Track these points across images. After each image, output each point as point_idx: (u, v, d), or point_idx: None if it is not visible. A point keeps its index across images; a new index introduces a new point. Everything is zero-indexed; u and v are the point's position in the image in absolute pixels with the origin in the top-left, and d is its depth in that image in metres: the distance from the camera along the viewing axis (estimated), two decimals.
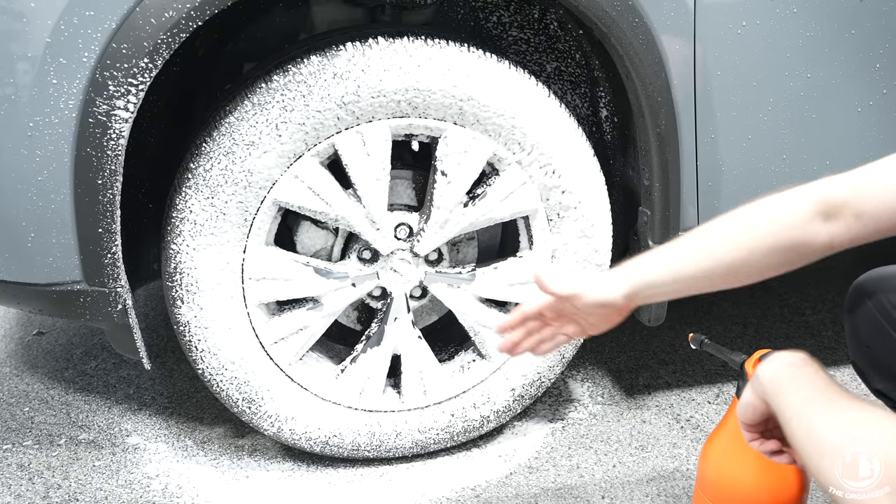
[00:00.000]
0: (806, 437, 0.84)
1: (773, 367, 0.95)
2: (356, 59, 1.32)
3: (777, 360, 0.96)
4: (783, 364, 0.95)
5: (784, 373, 0.94)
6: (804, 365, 0.95)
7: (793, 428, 0.87)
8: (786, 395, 0.92)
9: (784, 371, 0.94)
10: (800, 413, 0.87)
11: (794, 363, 0.95)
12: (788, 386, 0.92)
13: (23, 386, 1.92)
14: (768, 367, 0.96)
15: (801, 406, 0.88)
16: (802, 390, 0.90)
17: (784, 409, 0.91)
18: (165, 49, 1.22)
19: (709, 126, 1.46)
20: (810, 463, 0.83)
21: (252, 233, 1.39)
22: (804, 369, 0.94)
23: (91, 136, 1.24)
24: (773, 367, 0.95)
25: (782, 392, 0.92)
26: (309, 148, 1.35)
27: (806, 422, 0.85)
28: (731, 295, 2.30)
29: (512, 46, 1.65)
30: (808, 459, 0.83)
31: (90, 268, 1.33)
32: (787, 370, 0.95)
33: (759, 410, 0.96)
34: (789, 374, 0.94)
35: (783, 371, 0.95)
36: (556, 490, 1.55)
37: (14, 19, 1.20)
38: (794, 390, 0.91)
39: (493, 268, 1.53)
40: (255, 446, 1.69)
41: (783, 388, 0.93)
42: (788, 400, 0.91)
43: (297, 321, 1.48)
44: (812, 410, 0.86)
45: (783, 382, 0.93)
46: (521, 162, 1.44)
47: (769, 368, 0.96)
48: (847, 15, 1.44)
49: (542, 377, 1.63)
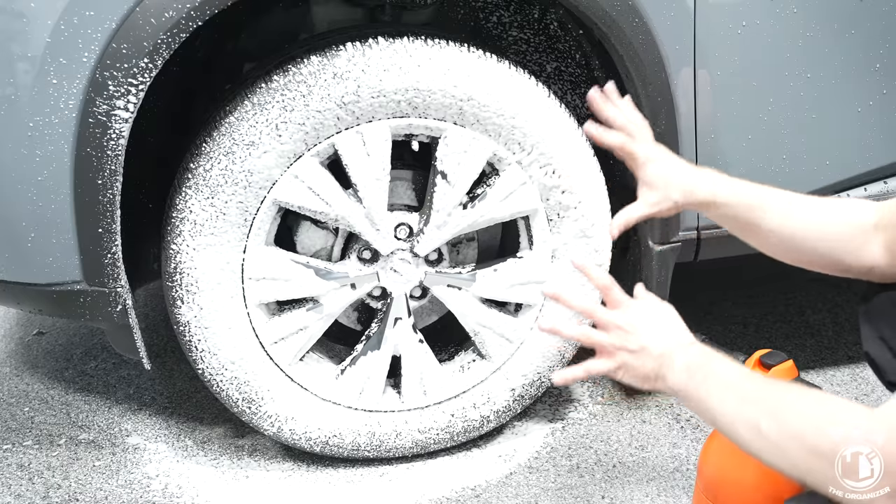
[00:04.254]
0: (777, 432, 0.83)
1: (681, 373, 0.93)
2: (356, 59, 1.32)
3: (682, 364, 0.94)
4: (692, 364, 0.93)
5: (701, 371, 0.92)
6: (713, 357, 0.93)
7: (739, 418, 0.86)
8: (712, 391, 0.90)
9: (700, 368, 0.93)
10: (757, 410, 0.86)
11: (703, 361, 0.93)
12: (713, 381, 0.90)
13: (23, 386, 1.92)
14: (677, 375, 0.93)
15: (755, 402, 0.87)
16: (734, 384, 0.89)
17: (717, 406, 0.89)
18: (165, 49, 1.22)
19: (709, 126, 1.46)
20: (790, 460, 0.83)
21: (252, 233, 1.39)
22: (717, 361, 0.93)
23: (91, 136, 1.24)
24: (681, 373, 0.93)
25: (705, 386, 0.90)
26: (309, 148, 1.35)
27: (778, 417, 0.84)
28: (731, 295, 2.30)
29: (512, 46, 1.65)
30: (789, 458, 0.83)
31: (90, 268, 1.33)
32: (700, 370, 0.93)
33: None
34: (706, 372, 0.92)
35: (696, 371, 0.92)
36: (556, 490, 1.55)
37: (14, 19, 1.20)
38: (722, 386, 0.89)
39: (493, 269, 1.53)
40: (255, 446, 1.69)
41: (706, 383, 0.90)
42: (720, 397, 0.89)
43: (297, 321, 1.48)
44: (776, 405, 0.85)
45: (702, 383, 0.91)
46: (521, 162, 1.44)
47: (677, 375, 0.93)
48: (847, 15, 1.44)
49: (542, 377, 1.63)
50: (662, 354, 0.96)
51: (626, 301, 1.02)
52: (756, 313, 2.21)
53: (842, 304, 2.23)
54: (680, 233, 1.53)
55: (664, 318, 1.00)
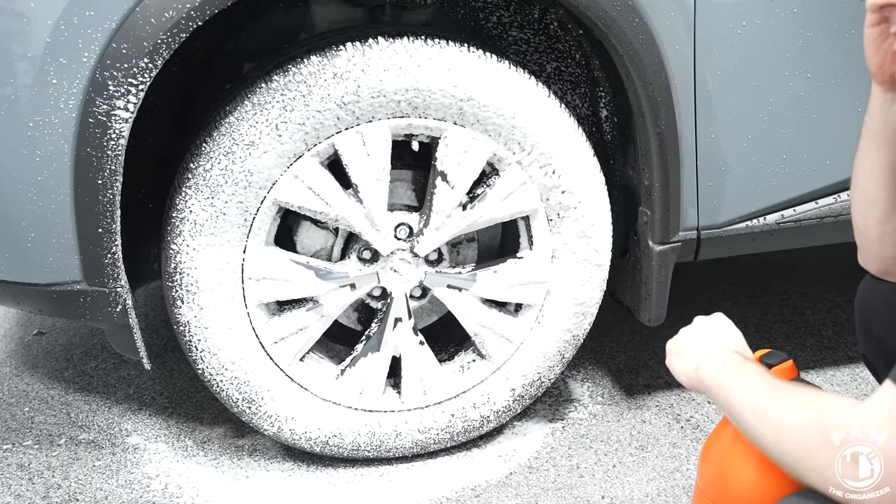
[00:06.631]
0: (776, 430, 0.87)
1: (714, 368, 1.01)
2: (356, 59, 1.32)
3: (718, 361, 1.02)
4: (724, 364, 1.01)
5: (726, 371, 0.99)
6: (742, 362, 1.00)
7: (754, 420, 0.91)
8: (732, 390, 0.96)
9: (726, 370, 0.99)
10: (763, 406, 0.90)
11: (734, 363, 1.00)
12: (734, 382, 0.97)
13: (23, 386, 1.92)
14: (709, 368, 1.01)
15: (761, 399, 0.92)
16: (752, 384, 0.95)
17: (736, 404, 0.94)
18: (165, 49, 1.22)
19: (709, 126, 1.46)
20: (792, 456, 0.85)
21: (252, 233, 1.39)
22: (745, 366, 0.99)
23: (91, 136, 1.24)
24: (714, 368, 1.01)
25: (726, 388, 0.97)
26: (309, 148, 1.35)
27: (778, 415, 0.87)
28: (731, 295, 2.30)
29: (512, 46, 1.65)
30: (788, 453, 0.85)
31: (90, 268, 1.33)
32: (728, 369, 0.99)
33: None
34: (731, 371, 0.99)
35: (724, 370, 1.00)
36: (556, 490, 1.55)
37: (14, 19, 1.20)
38: (742, 384, 0.96)
39: (492, 270, 1.53)
40: (255, 446, 1.69)
41: (727, 385, 0.97)
42: (737, 394, 0.95)
43: (297, 321, 1.48)
44: (777, 403, 0.89)
45: (727, 380, 0.98)
46: (521, 162, 1.44)
47: (710, 369, 1.01)
48: (847, 15, 1.44)
49: (542, 377, 1.63)
50: (701, 354, 1.06)
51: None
52: (756, 313, 2.21)
53: (842, 304, 2.23)
54: (680, 233, 1.53)
55: (716, 328, 1.12)
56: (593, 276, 1.56)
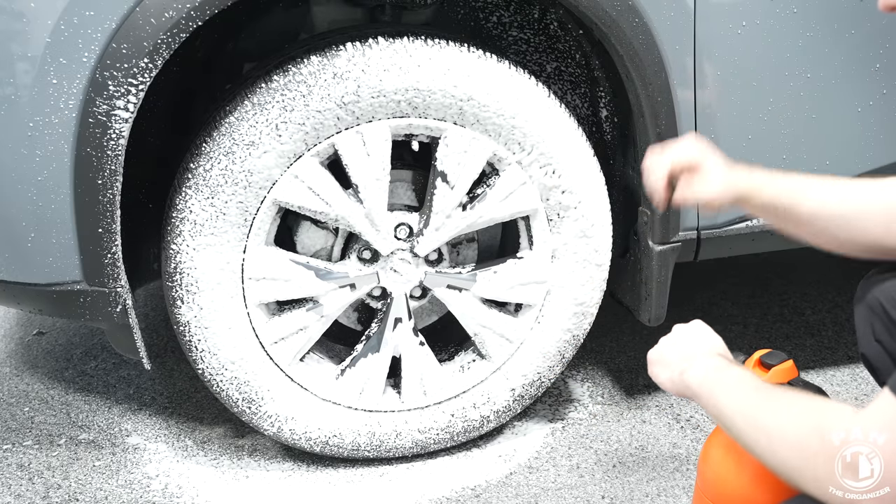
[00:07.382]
0: (769, 436, 0.86)
1: (700, 373, 1.00)
2: (356, 59, 1.32)
3: (703, 366, 1.01)
4: (710, 368, 1.00)
5: (713, 376, 0.98)
6: (728, 367, 0.99)
7: (746, 426, 0.90)
8: (721, 396, 0.95)
9: (713, 374, 0.99)
10: (758, 412, 0.89)
11: (720, 367, 1.00)
12: (722, 387, 0.96)
13: (23, 386, 1.92)
14: (695, 374, 1.00)
15: (755, 404, 0.91)
16: (742, 390, 0.94)
17: (726, 410, 0.93)
18: (165, 49, 1.22)
19: (709, 126, 1.46)
20: (787, 462, 0.84)
21: (252, 233, 1.39)
22: (732, 370, 0.98)
23: (91, 136, 1.24)
24: (701, 373, 1.00)
25: (715, 394, 0.96)
26: (309, 148, 1.35)
27: (771, 420, 0.86)
28: (731, 295, 2.30)
29: (512, 46, 1.65)
30: (784, 458, 0.84)
31: (90, 268, 1.33)
32: (715, 373, 0.99)
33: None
34: (719, 376, 0.98)
35: (711, 375, 0.99)
36: (556, 490, 1.55)
37: (14, 19, 1.20)
38: (735, 390, 0.94)
39: (493, 270, 1.53)
40: (255, 446, 1.69)
41: (715, 391, 0.96)
42: (726, 400, 0.94)
43: (297, 321, 1.48)
44: (771, 408, 0.88)
45: (715, 386, 0.97)
46: (521, 162, 1.44)
47: (696, 374, 1.00)
48: (847, 15, 1.44)
49: (542, 377, 1.63)
50: (684, 360, 1.06)
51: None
52: (756, 313, 2.21)
53: (842, 304, 2.23)
54: (680, 233, 1.53)
55: (696, 335, 1.12)
56: (593, 276, 1.56)
